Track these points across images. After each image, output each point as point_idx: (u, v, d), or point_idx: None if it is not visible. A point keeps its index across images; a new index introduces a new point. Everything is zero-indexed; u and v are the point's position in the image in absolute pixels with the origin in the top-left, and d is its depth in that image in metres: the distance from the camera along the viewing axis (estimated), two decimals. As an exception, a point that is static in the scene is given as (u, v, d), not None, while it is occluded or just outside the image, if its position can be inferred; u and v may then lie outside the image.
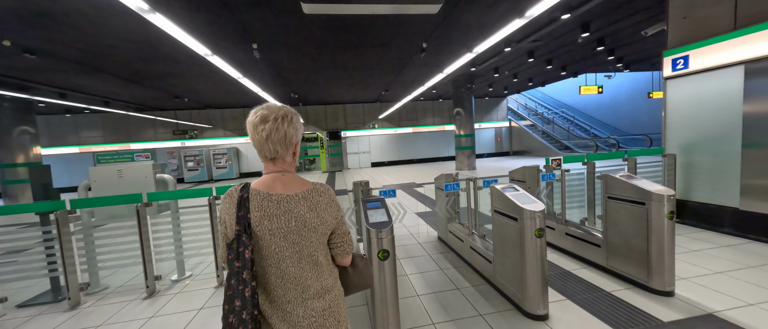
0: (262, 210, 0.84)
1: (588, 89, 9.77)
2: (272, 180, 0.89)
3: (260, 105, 0.90)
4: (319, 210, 0.89)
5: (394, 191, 2.76)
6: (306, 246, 0.87)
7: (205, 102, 13.14)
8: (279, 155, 0.90)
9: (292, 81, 10.19)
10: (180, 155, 14.19)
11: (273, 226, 0.84)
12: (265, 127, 0.86)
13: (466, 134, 11.91)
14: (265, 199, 0.85)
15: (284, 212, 0.85)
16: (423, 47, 7.34)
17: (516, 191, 2.21)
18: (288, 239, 0.85)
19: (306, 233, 0.86)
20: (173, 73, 8.26)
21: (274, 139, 0.87)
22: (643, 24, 7.05)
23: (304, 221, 0.86)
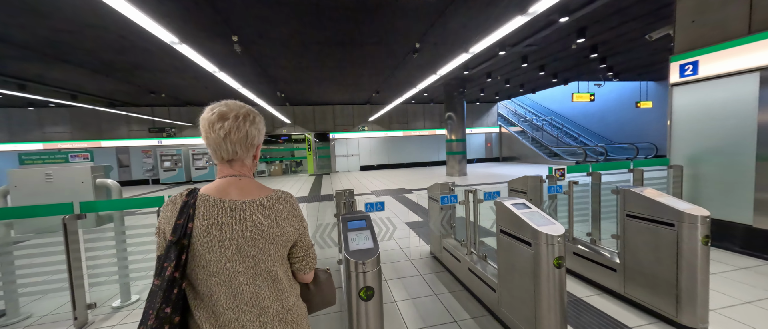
0: (210, 218, 0.73)
1: (580, 96, 9.73)
2: (226, 185, 0.78)
3: (217, 102, 0.80)
4: (280, 219, 0.79)
5: (382, 204, 2.36)
6: (263, 260, 0.76)
7: (184, 99, 12.41)
8: (238, 156, 0.80)
9: (278, 79, 9.68)
10: (156, 154, 13.34)
11: (224, 236, 0.72)
12: (223, 125, 0.76)
13: (458, 139, 11.68)
14: (216, 205, 0.74)
15: (238, 220, 0.74)
16: (415, 48, 7.03)
17: (527, 209, 1.85)
18: (241, 251, 0.74)
19: (263, 244, 0.76)
20: (145, 65, 7.62)
21: (233, 138, 0.77)
22: (638, 31, 6.98)
23: (261, 231, 0.76)
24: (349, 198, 2.52)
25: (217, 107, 0.79)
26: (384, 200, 2.60)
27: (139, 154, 13.48)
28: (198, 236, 0.71)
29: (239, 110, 0.79)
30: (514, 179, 3.57)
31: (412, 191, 8.17)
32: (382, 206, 2.36)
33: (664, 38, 7.64)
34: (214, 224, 0.72)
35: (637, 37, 7.39)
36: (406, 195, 7.65)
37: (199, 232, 0.71)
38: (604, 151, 13.53)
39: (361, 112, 16.08)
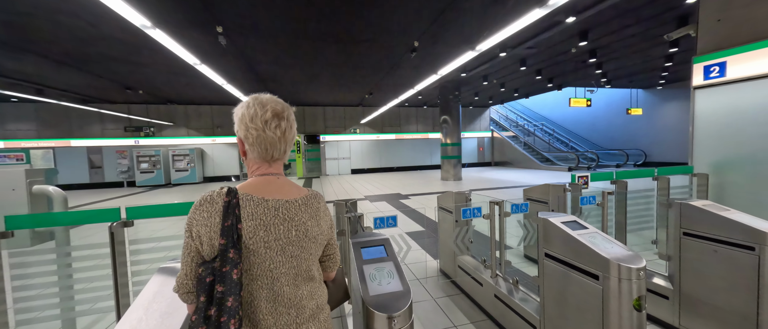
0: (256, 219, 0.70)
1: (577, 101, 9.69)
2: (265, 184, 0.76)
3: (255, 96, 0.77)
4: (319, 218, 0.79)
5: (394, 219, 1.95)
6: (305, 260, 0.75)
7: (164, 96, 11.63)
8: (285, 156, 0.81)
9: (267, 77, 9.13)
10: (132, 154, 12.43)
11: (270, 237, 0.70)
12: (280, 124, 0.76)
13: (453, 143, 11.41)
14: (260, 205, 0.71)
15: (283, 220, 0.72)
16: (414, 46, 6.69)
17: (583, 229, 1.48)
18: (286, 252, 0.72)
19: (307, 244, 0.75)
20: (117, 57, 6.94)
21: (288, 138, 0.79)
22: (638, 37, 6.89)
23: (306, 231, 0.75)
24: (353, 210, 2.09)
25: (267, 103, 0.76)
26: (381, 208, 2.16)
27: (114, 154, 12.53)
28: (245, 237, 0.68)
29: (288, 107, 0.79)
30: (531, 187, 3.23)
31: (409, 197, 7.78)
32: (394, 222, 1.94)
33: (658, 46, 7.63)
34: (259, 225, 0.69)
35: (635, 43, 7.32)
36: (403, 201, 7.26)
37: (247, 234, 0.68)
38: (596, 157, 13.61)
39: (353, 114, 15.64)
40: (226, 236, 0.65)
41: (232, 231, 0.65)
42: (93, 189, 12.21)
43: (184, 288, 0.70)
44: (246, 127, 0.74)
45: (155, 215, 2.04)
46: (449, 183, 10.63)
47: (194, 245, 0.69)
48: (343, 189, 9.85)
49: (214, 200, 0.68)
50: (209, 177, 13.92)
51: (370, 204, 7.04)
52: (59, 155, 12.14)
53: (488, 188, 8.83)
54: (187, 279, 0.69)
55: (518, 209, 2.20)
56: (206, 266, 0.66)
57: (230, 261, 0.64)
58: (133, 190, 11.58)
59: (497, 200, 2.15)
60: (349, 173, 15.75)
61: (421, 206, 6.47)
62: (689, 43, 7.39)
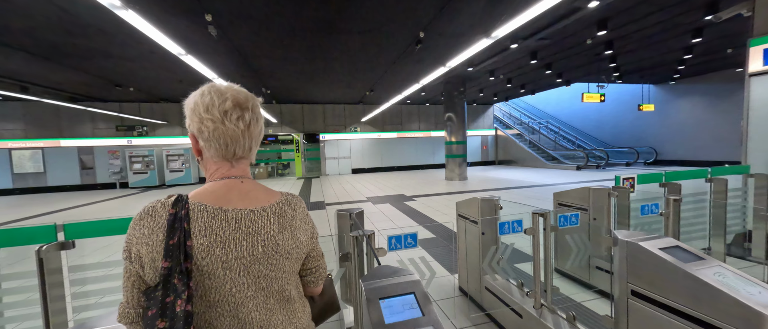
0: (211, 234, 0.57)
1: (591, 96, 9.24)
2: (224, 190, 0.63)
3: (212, 84, 0.65)
4: (294, 229, 0.66)
5: (414, 237, 1.49)
6: (276, 279, 0.63)
7: (156, 94, 11.16)
8: (249, 154, 0.68)
9: (263, 73, 8.67)
10: (124, 154, 11.97)
11: (229, 256, 0.58)
12: (243, 115, 0.63)
13: (458, 141, 10.96)
14: (216, 217, 0.59)
15: (246, 234, 0.60)
16: (419, 38, 6.23)
17: (700, 262, 1.03)
18: (251, 272, 0.60)
19: (277, 261, 0.62)
20: (105, 51, 6.48)
21: (253, 132, 0.66)
22: (659, 26, 6.43)
23: (275, 245, 0.62)
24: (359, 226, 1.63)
25: (226, 91, 0.63)
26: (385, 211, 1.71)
27: (105, 154, 12.07)
28: (197, 258, 0.55)
29: (252, 97, 0.67)
30: (563, 191, 2.78)
31: (414, 198, 7.33)
32: (414, 241, 1.49)
33: (679, 37, 7.17)
34: (215, 242, 0.57)
35: (656, 33, 6.86)
36: (408, 203, 6.81)
37: (199, 253, 0.56)
38: (606, 155, 13.15)
39: (353, 112, 15.17)
40: (170, 257, 0.53)
41: (177, 251, 0.54)
42: (84, 191, 11.76)
43: (126, 318, 0.57)
44: (200, 119, 0.62)
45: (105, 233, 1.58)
46: (454, 183, 10.18)
47: (134, 269, 0.56)
48: (343, 190, 9.40)
49: (156, 212, 0.57)
50: (204, 178, 13.44)
51: (374, 207, 6.59)
52: (49, 156, 11.70)
53: (497, 189, 8.38)
54: (129, 307, 0.57)
55: (567, 221, 1.75)
56: (148, 295, 0.54)
57: (173, 288, 0.52)
58: (125, 191, 11.13)
59: (541, 211, 1.70)
60: (349, 173, 15.30)
61: (429, 209, 6.02)
62: (718, 31, 6.93)
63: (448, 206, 6.28)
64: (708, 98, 11.67)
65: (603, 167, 12.94)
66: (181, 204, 0.57)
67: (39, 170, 11.60)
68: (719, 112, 11.37)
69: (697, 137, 12.08)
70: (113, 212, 7.12)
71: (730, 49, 8.37)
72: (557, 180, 9.57)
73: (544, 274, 1.74)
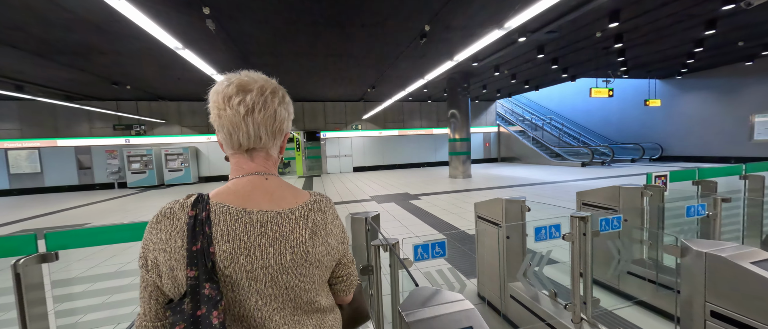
0: (234, 239, 0.51)
1: (599, 91, 9.05)
2: (248, 188, 0.57)
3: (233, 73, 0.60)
4: (325, 234, 0.60)
5: (443, 245, 1.32)
6: (305, 290, 0.56)
7: (155, 92, 10.95)
8: (262, 144, 0.59)
9: (264, 69, 8.40)
10: (122, 154, 11.78)
11: (254, 265, 0.51)
12: (244, 99, 0.56)
13: (462, 138, 10.77)
14: (240, 220, 0.52)
15: (273, 240, 0.53)
16: (424, 32, 6.03)
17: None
18: (278, 282, 0.53)
19: (307, 270, 0.56)
20: (99, 47, 6.27)
21: (257, 118, 0.57)
22: (673, 17, 6.22)
23: (305, 253, 0.56)
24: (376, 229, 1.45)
25: (234, 77, 0.59)
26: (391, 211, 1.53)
27: (103, 154, 11.88)
28: (220, 266, 0.49)
29: (266, 82, 0.60)
30: (588, 190, 2.60)
31: (419, 197, 7.15)
32: (443, 250, 1.31)
33: (692, 29, 6.96)
34: (240, 249, 0.51)
35: (669, 25, 6.65)
36: (413, 202, 6.63)
37: (222, 261, 0.49)
38: (611, 151, 12.97)
39: (355, 109, 14.97)
40: (195, 265, 0.47)
41: (203, 257, 0.48)
42: (82, 191, 11.58)
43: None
44: (216, 108, 0.57)
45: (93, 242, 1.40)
46: (458, 181, 10.01)
47: (151, 279, 0.50)
48: (346, 189, 9.22)
49: (174, 214, 0.51)
50: (205, 177, 13.28)
51: (378, 206, 6.42)
52: (45, 156, 11.50)
53: (504, 186, 8.21)
54: (146, 320, 0.51)
55: (609, 225, 1.57)
56: (174, 309, 0.47)
57: (207, 299, 0.47)
58: (124, 192, 10.95)
59: (582, 215, 1.52)
60: (351, 171, 15.12)
61: (436, 208, 5.84)
62: (731, 23, 6.74)
63: (455, 205, 6.11)
64: (716, 92, 11.47)
65: (608, 163, 12.77)
66: (202, 205, 0.51)
67: (36, 170, 11.41)
68: (727, 107, 11.19)
69: (704, 133, 11.90)
70: (111, 213, 6.95)
71: (742, 41, 8.16)
72: (564, 177, 9.40)
73: (584, 284, 1.57)
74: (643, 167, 11.49)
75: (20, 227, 5.93)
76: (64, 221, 6.23)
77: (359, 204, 6.68)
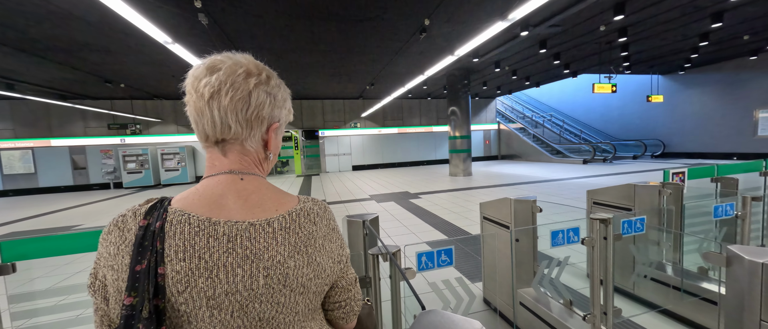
0: (193, 258, 0.41)
1: (602, 87, 8.89)
2: (220, 189, 0.47)
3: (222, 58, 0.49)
4: (313, 251, 0.47)
5: (450, 253, 1.17)
6: (285, 323, 0.45)
7: (150, 91, 10.76)
8: (231, 135, 0.48)
9: (259, 66, 8.27)
10: (118, 154, 11.61)
11: (218, 290, 0.41)
12: (210, 80, 0.46)
13: (462, 136, 10.62)
14: (201, 232, 0.42)
15: (243, 258, 0.42)
16: (424, 26, 5.87)
17: None
18: (249, 313, 0.42)
19: (287, 298, 0.44)
20: (89, 44, 6.09)
21: (224, 102, 0.46)
22: (678, 9, 6.06)
23: (283, 275, 0.44)
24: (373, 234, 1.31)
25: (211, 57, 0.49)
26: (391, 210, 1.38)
27: (98, 154, 11.70)
28: (171, 291, 0.39)
29: (246, 62, 0.49)
30: (600, 188, 2.45)
31: (419, 196, 7.01)
32: (449, 258, 1.16)
33: (697, 22, 6.80)
34: (198, 269, 0.40)
35: (675, 18, 6.50)
36: (413, 201, 6.49)
37: (174, 285, 0.39)
38: (613, 148, 12.83)
39: (353, 107, 14.79)
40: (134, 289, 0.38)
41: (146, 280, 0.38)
42: (77, 192, 11.41)
43: None
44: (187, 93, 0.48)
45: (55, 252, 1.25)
46: (459, 179, 9.86)
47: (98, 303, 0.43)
48: (345, 188, 9.07)
49: (126, 224, 0.42)
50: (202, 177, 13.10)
51: (378, 205, 6.27)
52: (39, 156, 11.33)
53: (505, 184, 8.06)
54: None
55: (632, 227, 1.42)
56: None
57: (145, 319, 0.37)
58: (120, 192, 10.78)
59: (603, 217, 1.37)
60: (350, 170, 14.97)
61: (437, 207, 5.70)
62: (738, 16, 6.58)
63: (457, 203, 5.97)
64: (719, 87, 11.33)
65: (610, 160, 12.64)
66: (158, 213, 0.43)
67: (30, 170, 11.23)
68: (730, 102, 11.05)
69: (707, 129, 11.77)
70: (105, 214, 6.79)
71: (748, 35, 8.01)
72: (565, 175, 9.27)
73: (604, 293, 1.42)
74: (646, 163, 11.36)
75: (10, 228, 5.77)
76: (57, 223, 6.07)
77: (358, 204, 6.54)
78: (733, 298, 0.92)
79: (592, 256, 1.40)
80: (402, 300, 1.11)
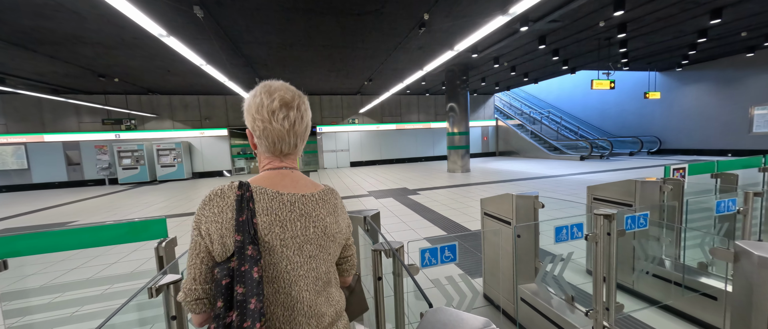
0: (271, 213, 0.64)
1: (600, 83, 8.90)
2: (279, 177, 0.70)
3: (265, 83, 0.70)
4: (337, 215, 0.73)
5: (454, 249, 1.15)
6: (324, 261, 0.69)
7: (145, 86, 10.60)
8: (296, 149, 0.73)
9: (256, 60, 8.17)
10: (113, 149, 11.46)
11: (286, 234, 0.64)
12: (288, 115, 0.68)
13: (460, 132, 10.60)
14: (275, 199, 0.65)
15: (300, 215, 0.66)
16: (423, 21, 5.81)
17: None
18: (304, 252, 0.65)
19: (325, 243, 0.69)
20: (80, 37, 5.96)
21: (298, 130, 0.71)
22: (677, 6, 6.05)
23: (324, 228, 0.69)
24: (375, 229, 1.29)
25: (274, 91, 0.68)
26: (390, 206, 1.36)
27: (93, 149, 11.55)
28: (261, 233, 0.62)
29: (298, 95, 0.72)
30: (600, 184, 2.45)
31: (418, 192, 7.00)
32: (453, 254, 1.15)
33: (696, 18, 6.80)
34: (275, 221, 0.64)
35: (674, 14, 6.48)
36: (412, 197, 6.48)
37: (262, 230, 0.62)
38: (610, 145, 12.90)
39: (351, 103, 14.71)
40: (241, 232, 0.59)
41: (247, 226, 0.60)
42: (72, 188, 11.28)
43: (192, 294, 0.60)
44: (253, 118, 0.68)
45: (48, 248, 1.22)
46: (457, 175, 9.87)
47: (204, 244, 0.62)
48: (343, 184, 9.04)
49: (225, 194, 0.64)
50: (198, 173, 13.01)
51: (376, 201, 6.26)
52: (32, 152, 11.16)
53: (503, 181, 8.08)
54: (195, 284, 0.61)
55: (636, 223, 1.41)
56: (222, 267, 0.59)
57: (249, 258, 0.58)
58: (115, 188, 10.68)
59: (607, 212, 1.35)
60: (348, 166, 14.93)
61: (435, 203, 5.69)
62: (737, 12, 6.59)
63: (455, 199, 5.97)
64: (715, 84, 11.39)
65: (607, 157, 12.71)
66: (245, 187, 0.63)
67: (22, 166, 11.06)
68: (726, 99, 11.12)
69: (702, 125, 11.85)
70: (100, 210, 6.71)
71: (745, 32, 8.03)
72: (563, 171, 9.30)
73: (607, 289, 1.42)
74: (642, 160, 11.44)
75: (3, 225, 5.69)
76: (51, 220, 5.99)
77: (357, 200, 6.52)
78: (741, 294, 0.91)
79: (595, 252, 1.39)
80: (405, 295, 1.09)
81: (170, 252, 1.26)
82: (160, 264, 1.22)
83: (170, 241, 1.27)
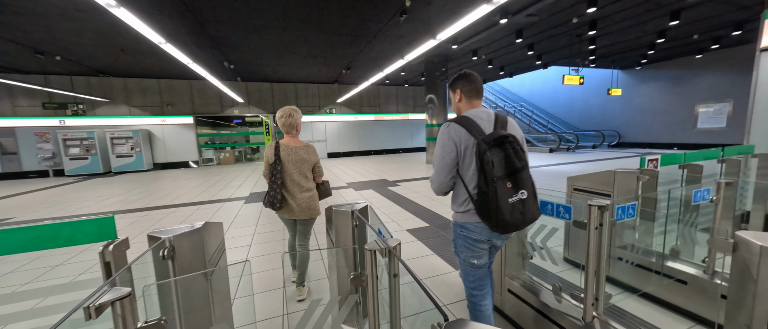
0: (286, 152, 2.11)
1: (571, 78, 9.31)
2: (290, 140, 2.17)
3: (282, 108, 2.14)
4: (309, 154, 2.17)
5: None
6: (303, 169, 2.14)
7: (94, 66, 9.47)
8: (294, 131, 2.16)
9: (225, 42, 7.55)
10: (57, 137, 10.22)
11: (290, 158, 2.10)
12: (280, 117, 2.12)
13: (439, 124, 10.65)
14: (287, 147, 2.12)
15: (293, 152, 2.13)
16: (404, 8, 5.64)
17: None
18: (296, 164, 2.11)
19: (302, 164, 2.13)
20: (8, 3, 5.10)
21: (286, 123, 2.13)
22: (642, 6, 6.39)
23: (303, 158, 2.14)
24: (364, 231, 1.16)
25: (284, 110, 2.13)
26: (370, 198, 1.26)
27: (32, 137, 10.21)
28: (282, 158, 2.10)
29: (293, 110, 2.14)
30: (580, 175, 2.50)
31: (398, 183, 6.95)
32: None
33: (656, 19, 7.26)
34: (287, 154, 2.11)
35: (638, 14, 6.85)
36: (392, 189, 6.41)
37: (283, 157, 2.11)
38: (576, 138, 13.66)
39: (329, 92, 14.24)
40: (276, 156, 2.10)
41: (277, 154, 2.10)
42: (8, 180, 9.95)
43: (265, 175, 2.18)
44: (278, 120, 2.14)
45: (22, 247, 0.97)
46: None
47: (266, 158, 2.17)
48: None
49: (272, 145, 2.13)
50: (161, 163, 12.02)
51: (356, 193, 6.12)
52: (-46, 139, 9.63)
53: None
54: (265, 169, 2.19)
55: (625, 213, 1.41)
56: (272, 166, 2.10)
57: (278, 163, 2.09)
58: (61, 180, 9.56)
59: (601, 203, 1.33)
60: (325, 157, 14.56)
61: (416, 194, 5.67)
62: (691, 15, 7.08)
63: (435, 190, 5.98)
64: (668, 83, 12.38)
65: (573, 149, 13.47)
66: (276, 144, 2.13)
67: (-58, 156, 9.54)
68: (676, 97, 12.14)
69: (655, 121, 12.90)
70: (41, 206, 5.94)
71: (697, 34, 8.72)
72: (535, 163, 9.70)
73: (597, 279, 1.41)
74: (604, 152, 12.25)
75: None
76: (-21, 217, 5.20)
77: (337, 192, 6.34)
78: (740, 285, 0.91)
79: (588, 243, 1.37)
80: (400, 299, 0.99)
81: (120, 258, 1.05)
82: (106, 271, 1.01)
83: (120, 243, 1.06)
